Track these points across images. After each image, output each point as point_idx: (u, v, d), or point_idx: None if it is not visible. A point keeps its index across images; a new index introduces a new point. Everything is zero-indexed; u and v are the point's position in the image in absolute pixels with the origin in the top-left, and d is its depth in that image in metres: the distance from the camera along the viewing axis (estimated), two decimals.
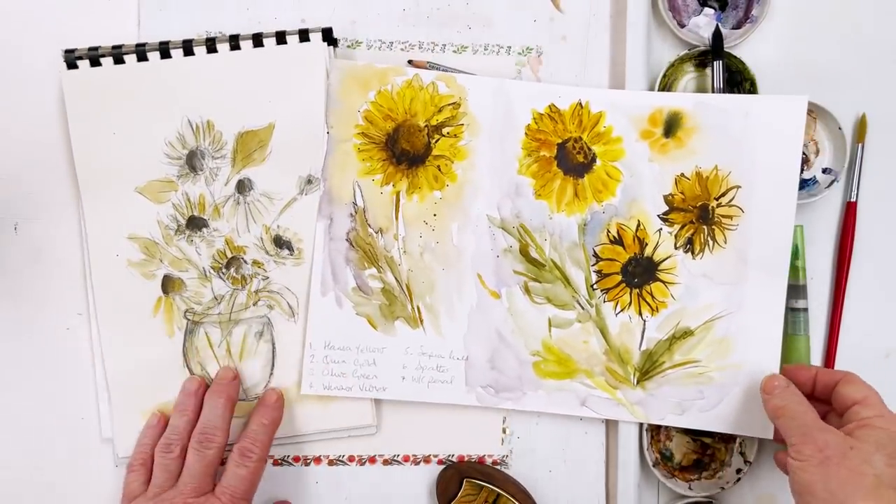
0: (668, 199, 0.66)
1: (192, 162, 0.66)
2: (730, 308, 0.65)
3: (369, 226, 0.66)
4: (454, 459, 0.68)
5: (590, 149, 0.66)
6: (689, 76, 0.69)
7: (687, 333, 0.66)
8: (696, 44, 0.68)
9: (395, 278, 0.66)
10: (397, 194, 0.66)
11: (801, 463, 0.55)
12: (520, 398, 0.66)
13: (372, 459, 0.68)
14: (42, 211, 0.67)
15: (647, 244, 0.66)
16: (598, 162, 0.66)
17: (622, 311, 0.66)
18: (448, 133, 0.66)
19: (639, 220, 0.66)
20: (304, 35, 0.66)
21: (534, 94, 0.66)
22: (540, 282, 0.66)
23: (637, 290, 0.66)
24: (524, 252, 0.66)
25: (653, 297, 0.66)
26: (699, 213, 0.66)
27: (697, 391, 0.66)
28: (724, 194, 0.65)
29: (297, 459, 0.68)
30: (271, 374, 0.66)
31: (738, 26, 0.69)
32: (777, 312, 0.65)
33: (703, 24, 0.68)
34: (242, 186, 0.66)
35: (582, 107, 0.66)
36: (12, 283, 0.67)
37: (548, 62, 0.69)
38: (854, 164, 0.69)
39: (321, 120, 0.66)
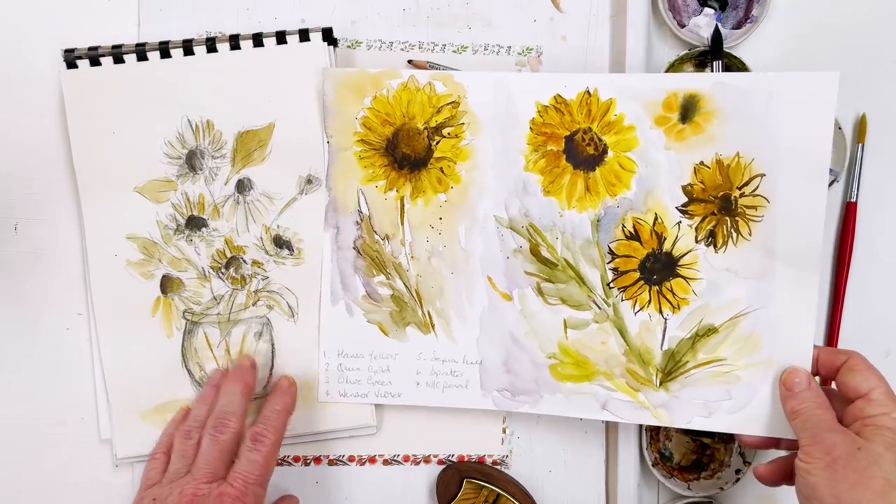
0: (686, 190, 0.62)
1: (192, 161, 0.66)
2: (756, 303, 0.61)
3: (375, 233, 0.65)
4: (454, 459, 0.68)
5: (600, 139, 0.63)
6: None
7: (711, 331, 0.62)
8: (696, 44, 0.68)
9: (405, 284, 0.66)
10: (401, 199, 0.65)
11: (808, 465, 0.53)
12: (537, 402, 0.64)
13: (372, 459, 0.68)
14: (42, 211, 0.67)
15: (665, 238, 0.63)
16: (610, 153, 0.63)
17: (641, 309, 0.63)
18: (448, 134, 0.65)
19: (656, 214, 0.63)
20: (304, 35, 0.65)
21: (537, 85, 0.63)
22: (553, 282, 0.64)
23: (656, 287, 0.63)
24: (535, 252, 0.64)
25: (673, 293, 0.63)
26: (721, 204, 0.62)
27: (724, 391, 0.62)
28: (747, 183, 0.61)
29: (297, 459, 0.68)
30: (270, 374, 0.66)
31: (738, 26, 0.69)
32: (809, 307, 0.61)
33: (703, 24, 0.68)
34: (242, 186, 0.66)
35: (590, 95, 0.63)
36: (12, 283, 0.67)
37: (548, 62, 0.69)
38: (854, 164, 0.69)
39: (322, 120, 0.66)
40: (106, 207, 0.66)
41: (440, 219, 0.65)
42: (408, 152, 0.65)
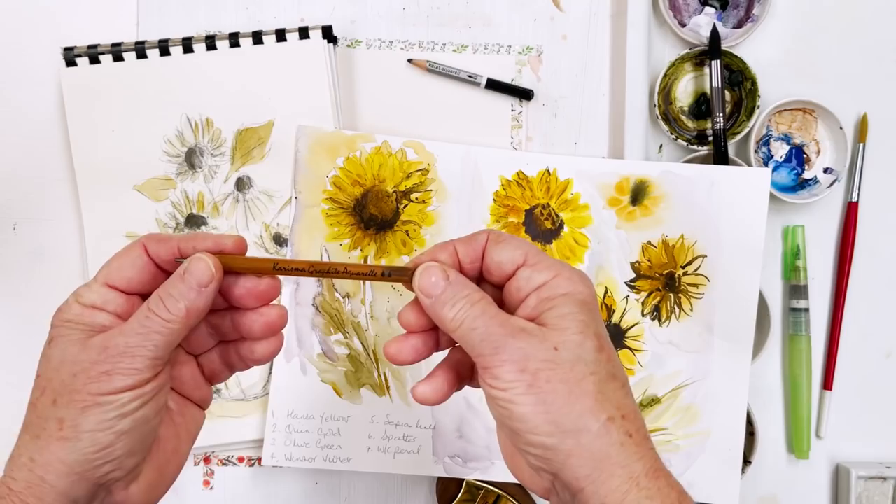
0: (634, 267, 0.66)
1: (191, 159, 0.66)
2: (696, 376, 0.65)
3: (336, 291, 0.65)
4: None
5: (557, 215, 0.66)
6: (689, 76, 0.69)
7: (654, 401, 0.65)
8: (697, 43, 0.68)
9: (362, 344, 0.65)
10: (365, 259, 0.66)
11: (505, 392, 0.38)
12: (488, 468, 0.65)
13: None
14: (42, 210, 0.67)
15: (614, 311, 0.66)
16: (566, 228, 0.66)
17: None
18: (416, 199, 0.66)
19: (606, 287, 0.66)
20: (303, 33, 0.65)
21: (502, 161, 0.66)
22: None
23: None
24: None
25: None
26: (665, 281, 0.66)
27: (664, 460, 0.63)
28: (690, 263, 0.65)
29: None
30: (270, 372, 0.66)
31: (739, 25, 0.68)
32: (742, 381, 0.64)
33: (703, 24, 0.68)
34: (242, 184, 0.66)
35: (550, 174, 0.66)
36: (12, 283, 0.67)
37: (548, 61, 0.69)
38: (855, 163, 0.69)
39: (321, 117, 0.66)
40: (105, 206, 0.66)
41: None
42: (375, 213, 0.66)
